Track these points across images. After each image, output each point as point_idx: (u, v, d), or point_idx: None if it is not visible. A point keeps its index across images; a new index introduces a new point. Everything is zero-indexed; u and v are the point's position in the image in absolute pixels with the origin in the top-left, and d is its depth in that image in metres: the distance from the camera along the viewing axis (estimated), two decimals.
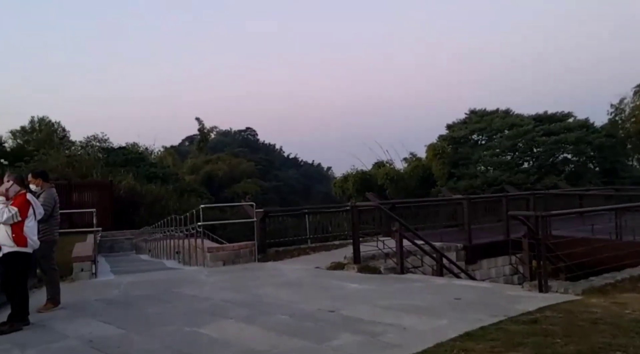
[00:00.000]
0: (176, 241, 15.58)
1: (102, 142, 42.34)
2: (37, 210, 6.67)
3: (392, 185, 33.94)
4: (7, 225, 6.29)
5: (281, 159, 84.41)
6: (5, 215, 6.24)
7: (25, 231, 6.37)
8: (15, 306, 6.29)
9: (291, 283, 8.87)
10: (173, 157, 55.42)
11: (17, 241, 6.32)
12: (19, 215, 6.31)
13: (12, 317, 6.23)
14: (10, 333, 5.97)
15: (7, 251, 6.35)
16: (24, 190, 6.67)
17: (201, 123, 65.57)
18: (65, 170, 30.29)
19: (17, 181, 6.66)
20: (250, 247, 12.35)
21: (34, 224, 6.57)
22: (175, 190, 33.71)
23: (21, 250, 6.36)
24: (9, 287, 6.46)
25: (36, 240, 6.59)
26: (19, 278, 6.44)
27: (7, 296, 6.53)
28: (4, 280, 6.61)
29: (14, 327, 6.10)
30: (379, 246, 10.70)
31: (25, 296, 6.47)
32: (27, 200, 6.52)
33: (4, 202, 6.34)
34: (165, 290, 8.75)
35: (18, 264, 6.39)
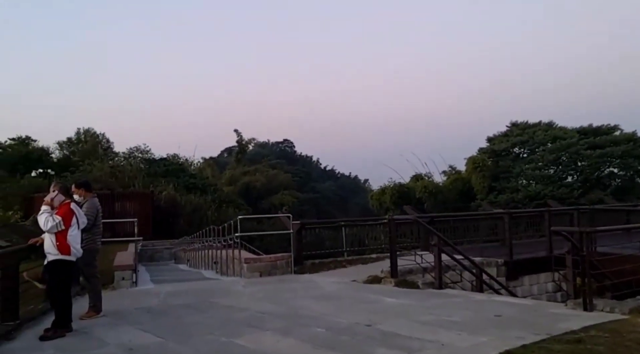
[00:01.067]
0: (214, 252, 15.74)
1: (144, 153, 43.40)
2: (81, 219, 6.85)
3: (430, 198, 33.53)
4: (52, 233, 6.48)
5: (318, 171, 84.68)
6: (49, 223, 6.43)
7: (68, 239, 6.54)
8: (59, 313, 6.46)
9: (328, 296, 8.82)
10: (212, 168, 56.24)
11: (61, 249, 6.49)
12: (62, 223, 6.48)
13: (56, 323, 6.38)
14: (54, 339, 6.12)
15: (52, 259, 6.53)
16: (69, 199, 6.86)
17: (240, 135, 66.51)
18: (109, 180, 31.15)
19: (62, 191, 6.85)
20: (287, 259, 12.37)
21: (77, 233, 6.73)
22: (214, 200, 34.15)
23: (65, 258, 6.53)
24: (53, 294, 6.64)
25: (79, 248, 6.75)
26: (63, 286, 6.61)
27: (51, 303, 6.71)
28: (48, 287, 6.81)
29: (57, 333, 6.25)
30: (416, 260, 10.56)
31: (69, 303, 6.63)
32: (70, 209, 6.69)
33: (49, 211, 6.53)
34: (203, 300, 8.83)
35: (62, 272, 6.56)
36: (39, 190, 28.83)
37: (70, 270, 6.69)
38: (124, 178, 33.01)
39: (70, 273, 6.74)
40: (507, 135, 37.21)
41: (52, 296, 6.68)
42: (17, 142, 41.30)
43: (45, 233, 6.55)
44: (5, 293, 6.92)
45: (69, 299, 6.69)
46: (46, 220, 6.44)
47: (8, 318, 6.74)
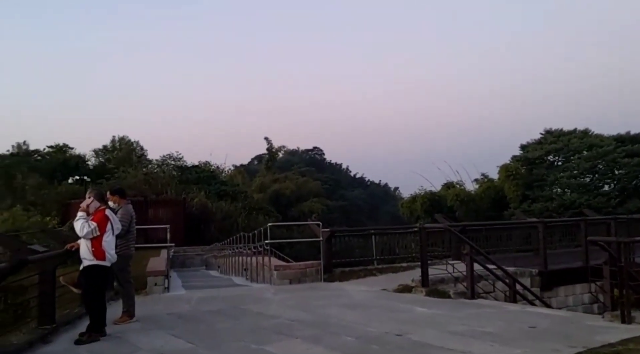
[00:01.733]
0: (244, 258, 15.85)
1: (177, 160, 44.08)
2: (115, 225, 6.98)
3: (462, 206, 33.06)
4: (88, 239, 6.63)
5: (348, 179, 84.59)
6: (85, 229, 6.57)
7: (103, 245, 6.67)
8: (94, 318, 6.58)
9: (357, 305, 8.77)
10: (242, 176, 56.76)
11: (96, 254, 6.63)
12: (97, 229, 6.62)
13: (91, 328, 6.51)
14: (89, 343, 6.24)
15: (87, 264, 6.67)
16: (104, 206, 7.00)
17: (270, 143, 66.96)
18: (142, 187, 31.74)
19: (97, 197, 6.99)
20: (316, 266, 12.36)
21: (111, 238, 6.86)
22: (244, 207, 34.43)
23: (100, 263, 6.66)
24: (88, 299, 6.78)
25: (114, 253, 6.88)
26: (98, 291, 6.74)
27: (86, 307, 6.85)
28: (84, 292, 6.95)
29: (92, 337, 6.38)
30: (448, 269, 10.41)
31: (103, 308, 6.76)
32: (105, 215, 6.83)
33: (84, 217, 6.68)
34: (233, 307, 8.90)
35: (97, 277, 6.69)
36: (75, 196, 29.60)
37: (105, 275, 6.82)
38: (157, 185, 33.58)
39: (105, 278, 6.87)
40: (541, 143, 36.47)
41: (87, 300, 6.82)
42: (55, 150, 42.48)
43: (81, 239, 6.70)
44: (42, 297, 7.11)
45: (103, 304, 6.82)
46: (82, 225, 6.60)
47: (45, 322, 6.91)
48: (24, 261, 5.90)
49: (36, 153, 41.96)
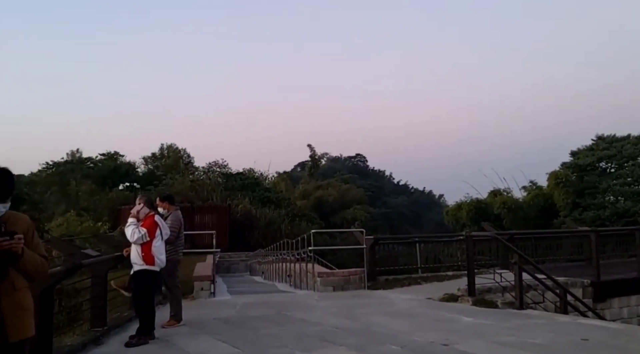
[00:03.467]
0: (288, 265, 15.94)
1: (222, 167, 44.83)
2: (164, 231, 7.15)
3: (509, 214, 32.23)
4: (138, 244, 6.82)
5: (391, 186, 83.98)
6: (136, 235, 6.76)
7: (153, 250, 6.84)
8: (143, 321, 6.75)
9: (402, 313, 8.67)
10: (286, 182, 57.14)
11: (146, 260, 6.81)
12: (147, 235, 6.80)
13: (140, 331, 6.68)
14: (138, 346, 6.40)
15: (137, 269, 6.86)
16: (153, 212, 7.18)
17: (312, 150, 67.24)
18: (189, 194, 32.42)
19: (147, 204, 7.17)
20: (360, 274, 12.30)
21: (161, 244, 7.03)
22: (287, 214, 34.65)
23: (149, 268, 6.83)
24: (138, 303, 6.96)
25: (163, 259, 7.04)
26: (147, 295, 6.92)
27: (136, 311, 7.03)
28: (134, 296, 7.14)
29: (141, 341, 6.53)
30: (495, 278, 10.17)
31: (152, 312, 6.93)
32: (155, 221, 7.00)
33: (135, 223, 6.88)
34: (277, 312, 8.95)
35: (146, 281, 6.87)
36: (125, 202, 30.50)
37: (154, 279, 6.99)
38: (203, 192, 34.24)
39: (154, 282, 7.05)
40: (593, 149, 35.27)
41: (137, 304, 7.01)
42: (107, 157, 43.94)
43: (132, 244, 6.90)
44: (94, 300, 7.35)
45: (152, 308, 6.98)
46: (132, 231, 6.79)
47: (97, 324, 7.14)
48: (78, 265, 6.11)
49: (89, 161, 43.46)
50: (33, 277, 3.33)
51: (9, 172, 3.32)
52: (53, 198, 35.08)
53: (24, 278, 3.25)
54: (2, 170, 3.29)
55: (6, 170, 3.32)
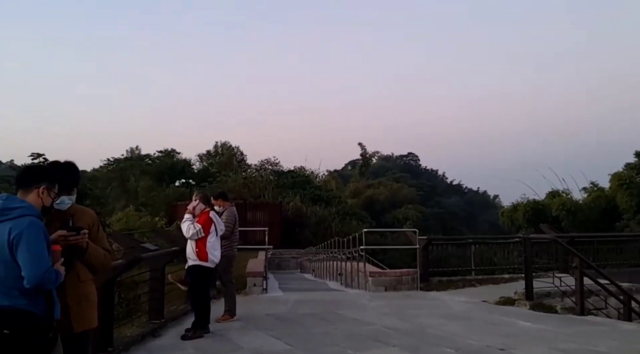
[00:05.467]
0: (338, 263, 15.91)
1: (274, 165, 45.40)
2: (219, 227, 7.23)
3: (568, 216, 31.01)
4: (193, 240, 6.95)
5: (444, 185, 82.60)
6: (191, 231, 6.91)
7: (207, 246, 6.95)
8: (199, 315, 6.88)
9: (456, 316, 8.49)
10: (336, 181, 57.22)
11: (199, 255, 6.93)
12: (202, 231, 6.92)
13: (196, 325, 6.82)
14: (193, 339, 6.54)
15: (191, 264, 7.01)
16: (209, 208, 7.28)
17: (363, 148, 67.12)
18: (242, 191, 32.94)
19: (203, 200, 7.29)
20: (413, 274, 12.13)
21: (215, 240, 7.12)
22: (338, 212, 34.65)
23: (202, 264, 6.95)
24: (193, 297, 7.10)
25: (217, 255, 7.13)
26: (201, 290, 7.04)
27: (192, 305, 7.17)
28: (189, 290, 7.30)
29: (197, 334, 6.67)
30: (554, 282, 9.81)
31: (208, 306, 7.04)
32: (209, 218, 7.10)
33: (190, 219, 7.01)
34: (329, 311, 8.94)
35: (200, 276, 7.00)
36: (181, 198, 31.33)
37: (208, 275, 7.10)
38: (255, 189, 34.71)
39: (208, 277, 7.16)
40: None
41: (191, 298, 7.15)
42: (164, 154, 45.23)
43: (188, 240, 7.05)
44: (152, 293, 7.57)
45: (207, 302, 7.10)
46: (188, 227, 6.94)
47: (154, 317, 7.34)
48: (138, 259, 6.29)
49: (147, 158, 44.84)
50: (97, 270, 3.44)
51: (74, 165, 3.45)
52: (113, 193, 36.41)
53: (88, 270, 3.36)
54: (68, 163, 3.43)
55: (71, 163, 3.45)
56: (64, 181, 3.25)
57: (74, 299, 3.24)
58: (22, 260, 2.74)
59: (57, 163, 3.42)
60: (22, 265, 2.74)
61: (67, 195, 3.28)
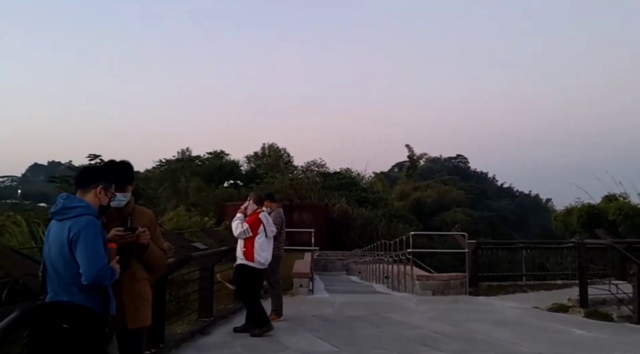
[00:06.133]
0: (385, 266, 15.80)
1: (320, 167, 45.52)
2: (268, 228, 7.24)
3: (626, 221, 29.65)
4: (241, 239, 7.05)
5: (494, 188, 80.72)
6: (238, 230, 7.02)
7: (255, 247, 7.01)
8: (255, 315, 6.97)
9: (506, 322, 8.28)
10: (383, 183, 56.75)
11: (246, 255, 7.02)
12: (249, 231, 6.99)
13: (256, 323, 6.92)
14: (261, 336, 6.71)
15: (238, 262, 7.12)
16: (260, 209, 7.32)
17: (411, 150, 66.31)
18: (288, 192, 33.19)
19: (256, 200, 7.34)
20: (461, 279, 11.91)
21: (264, 240, 7.13)
22: (384, 215, 34.38)
23: (248, 263, 7.02)
24: (241, 296, 7.19)
25: (265, 256, 7.13)
26: (247, 289, 7.10)
27: (244, 304, 7.24)
28: (237, 289, 7.40)
29: (264, 329, 6.80)
30: (611, 290, 9.40)
31: (257, 305, 7.10)
32: (258, 218, 7.15)
33: (241, 219, 7.12)
34: (375, 313, 8.89)
35: (246, 275, 7.07)
36: (229, 199, 31.83)
37: (254, 274, 7.11)
38: (301, 190, 34.91)
39: (255, 277, 7.18)
40: None
41: (241, 297, 7.24)
42: (213, 156, 46.09)
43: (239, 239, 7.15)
44: (202, 291, 7.73)
45: (256, 301, 7.14)
46: (236, 226, 7.05)
47: (204, 315, 7.50)
48: (188, 258, 6.45)
49: (197, 159, 45.78)
50: (153, 269, 3.54)
51: (128, 164, 3.56)
52: (165, 193, 37.36)
53: (144, 269, 3.47)
54: (123, 162, 3.56)
55: (126, 162, 3.57)
56: (120, 180, 3.37)
57: (129, 298, 3.35)
58: (80, 258, 2.86)
59: (113, 162, 3.54)
60: (80, 262, 2.85)
61: (123, 193, 3.40)
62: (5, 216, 8.56)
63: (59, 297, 2.90)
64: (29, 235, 7.29)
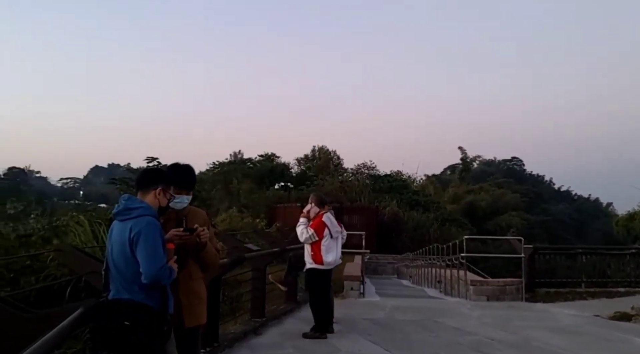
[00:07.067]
0: (437, 270, 15.55)
1: (370, 169, 45.23)
2: (333, 229, 7.18)
3: None
4: (308, 244, 7.06)
5: (551, 192, 78.06)
6: (304, 235, 7.01)
7: (322, 250, 7.01)
8: (318, 317, 7.00)
9: (565, 330, 7.97)
10: (434, 186, 55.83)
11: (315, 259, 7.03)
12: (315, 235, 6.98)
13: (316, 326, 6.95)
14: (313, 339, 6.72)
15: (307, 267, 7.14)
16: (323, 211, 7.26)
17: (464, 152, 64.96)
18: (338, 194, 33.18)
19: (317, 203, 7.28)
20: (517, 284, 11.57)
21: (330, 242, 7.10)
22: (436, 218, 33.84)
23: (318, 267, 7.03)
24: (312, 299, 7.20)
25: (332, 257, 7.11)
26: (318, 292, 7.12)
27: (311, 307, 7.24)
28: (309, 293, 7.42)
29: (316, 335, 6.83)
30: None
31: (326, 308, 7.10)
32: (322, 221, 7.10)
33: (305, 223, 7.09)
34: (428, 318, 8.76)
35: (316, 279, 7.09)
36: (279, 201, 32.14)
37: (323, 278, 7.12)
38: (351, 193, 34.82)
39: (325, 279, 7.17)
40: None
41: (311, 300, 7.25)
42: (264, 158, 46.71)
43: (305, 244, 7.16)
44: (254, 292, 7.84)
45: (326, 305, 7.14)
46: (302, 231, 7.03)
47: (256, 315, 7.60)
48: (242, 258, 6.54)
49: (249, 161, 46.53)
50: (208, 268, 3.63)
51: (191, 168, 3.70)
52: (218, 195, 38.09)
53: (199, 269, 3.56)
54: (186, 165, 3.69)
55: (189, 166, 3.70)
56: (183, 182, 3.48)
57: (185, 296, 3.44)
58: (140, 257, 2.96)
59: (177, 165, 3.67)
60: (140, 262, 2.96)
61: (185, 196, 3.51)
62: (69, 216, 8.99)
63: (121, 295, 3.02)
64: (91, 235, 7.60)
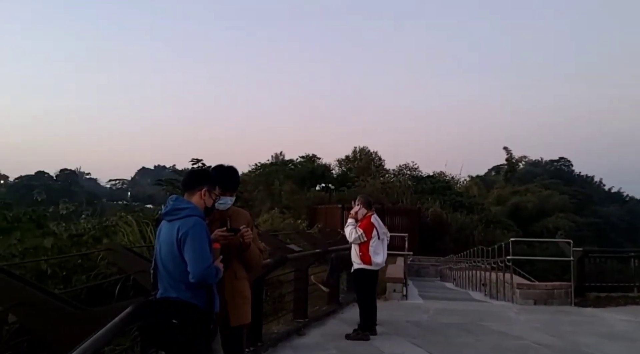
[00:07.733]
0: (482, 273, 15.26)
1: (412, 170, 44.73)
2: (380, 230, 7.23)
3: None
4: (356, 244, 7.08)
5: (601, 193, 75.42)
6: (353, 235, 7.06)
7: (370, 250, 7.03)
8: (364, 318, 7.01)
9: (618, 335, 7.68)
10: (478, 187, 54.76)
11: (363, 259, 7.07)
12: (364, 236, 7.02)
13: (362, 326, 6.95)
14: (357, 340, 6.70)
15: (356, 267, 7.17)
16: (370, 212, 7.32)
17: (509, 153, 63.63)
18: (380, 196, 32.96)
19: (365, 204, 7.35)
20: (566, 288, 11.23)
21: (377, 243, 7.14)
22: (481, 220, 33.19)
23: (366, 267, 7.07)
24: (360, 299, 7.24)
25: (380, 258, 7.16)
26: (366, 293, 7.16)
27: (359, 306, 7.29)
28: (356, 294, 7.45)
29: (360, 335, 6.82)
30: None
31: (372, 308, 7.11)
32: (371, 222, 7.16)
33: (353, 224, 7.16)
34: (472, 322, 8.61)
35: (364, 280, 7.14)
36: (321, 202, 32.20)
37: (371, 278, 7.17)
38: (393, 194, 34.56)
39: (373, 280, 7.22)
40: None
41: (359, 300, 7.29)
42: (306, 160, 46.88)
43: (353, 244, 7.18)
44: (297, 292, 7.88)
45: (372, 305, 7.17)
46: (350, 232, 7.10)
47: (299, 316, 7.64)
48: (285, 259, 6.59)
49: (290, 163, 46.76)
50: (252, 268, 3.68)
51: (235, 169, 3.77)
52: (260, 196, 38.50)
53: (243, 268, 3.61)
54: (230, 167, 3.76)
55: (233, 167, 3.78)
56: (227, 183, 3.55)
57: (231, 296, 3.49)
58: (187, 257, 3.02)
59: (221, 166, 3.75)
60: (187, 261, 3.02)
61: (229, 196, 3.58)
62: (117, 217, 9.26)
63: (168, 293, 3.08)
64: (139, 234, 7.80)
